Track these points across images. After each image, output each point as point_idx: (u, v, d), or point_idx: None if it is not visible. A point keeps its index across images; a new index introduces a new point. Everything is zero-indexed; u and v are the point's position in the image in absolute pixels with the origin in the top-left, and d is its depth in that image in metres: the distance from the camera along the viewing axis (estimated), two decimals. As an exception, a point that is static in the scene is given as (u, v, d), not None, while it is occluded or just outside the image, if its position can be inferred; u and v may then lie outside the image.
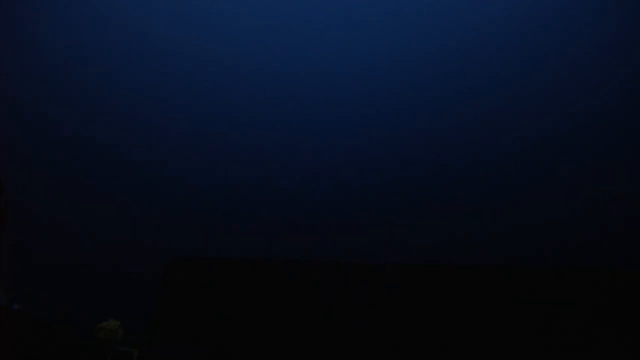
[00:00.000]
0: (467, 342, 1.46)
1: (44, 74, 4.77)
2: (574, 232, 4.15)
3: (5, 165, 4.37)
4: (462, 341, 1.47)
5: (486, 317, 1.48)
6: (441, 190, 4.48)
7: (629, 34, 4.54)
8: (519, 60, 4.70)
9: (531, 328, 1.46)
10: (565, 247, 4.10)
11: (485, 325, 1.47)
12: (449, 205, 4.42)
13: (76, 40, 4.85)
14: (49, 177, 4.51)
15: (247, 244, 4.32)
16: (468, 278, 1.53)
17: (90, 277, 4.22)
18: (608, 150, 4.36)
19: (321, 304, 1.55)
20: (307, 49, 4.88)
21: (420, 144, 4.61)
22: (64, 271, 4.25)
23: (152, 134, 4.69)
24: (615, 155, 4.34)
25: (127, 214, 4.45)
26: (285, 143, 4.69)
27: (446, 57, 4.78)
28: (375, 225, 4.41)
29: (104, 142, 4.67)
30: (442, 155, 4.56)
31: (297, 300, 1.56)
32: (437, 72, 4.76)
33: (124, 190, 4.53)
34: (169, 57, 4.87)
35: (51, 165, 4.56)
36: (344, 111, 4.74)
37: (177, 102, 4.78)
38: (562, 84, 4.58)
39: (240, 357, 1.52)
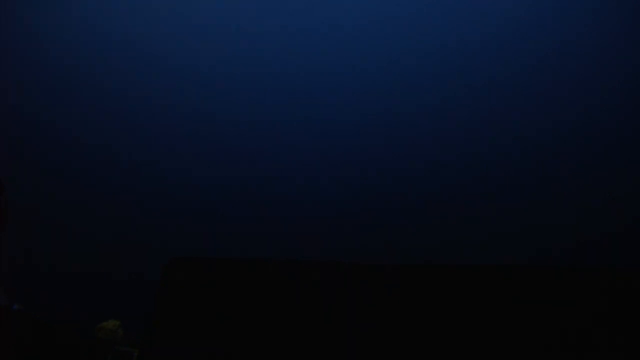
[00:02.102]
0: (467, 342, 1.46)
1: (44, 76, 4.77)
2: (574, 232, 4.15)
3: (5, 165, 4.37)
4: (462, 341, 1.47)
5: (486, 317, 1.48)
6: (441, 190, 4.48)
7: (629, 34, 4.54)
8: (519, 61, 4.70)
9: (531, 328, 1.46)
10: (565, 247, 4.11)
11: (485, 325, 1.47)
12: (449, 205, 4.43)
13: (77, 42, 4.85)
14: (49, 177, 4.51)
15: (247, 244, 4.32)
16: (468, 278, 1.53)
17: (90, 277, 4.22)
18: (608, 151, 4.37)
19: (321, 304, 1.55)
20: (307, 50, 4.88)
21: (421, 144, 4.61)
22: (64, 271, 4.25)
23: (151, 134, 4.69)
24: (615, 156, 4.34)
25: (127, 214, 4.46)
26: (285, 143, 4.69)
27: (446, 57, 4.78)
28: (375, 225, 4.41)
29: (104, 143, 4.67)
30: (442, 155, 4.56)
31: (297, 300, 1.56)
32: (437, 72, 4.76)
33: (124, 190, 4.54)
34: (167, 59, 4.87)
35: (51, 166, 4.56)
36: (344, 111, 4.74)
37: (177, 103, 4.78)
38: (562, 84, 4.59)
39: (240, 357, 1.52)
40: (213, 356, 1.53)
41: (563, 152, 4.43)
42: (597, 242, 4.07)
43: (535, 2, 4.78)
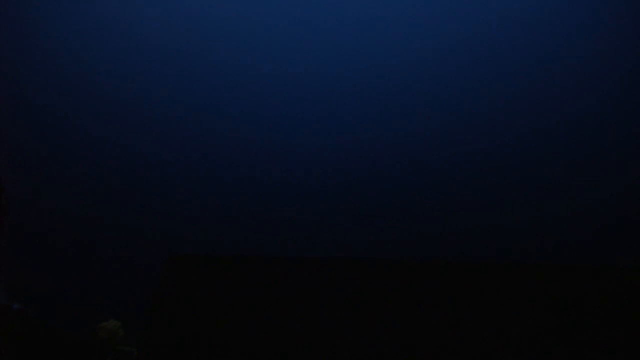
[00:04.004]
0: (468, 340, 1.46)
1: (45, 73, 4.77)
2: (574, 232, 4.15)
3: (5, 165, 4.37)
4: (463, 340, 1.47)
5: (487, 315, 1.48)
6: (441, 187, 4.48)
7: (629, 33, 4.54)
8: (519, 61, 4.70)
9: (531, 327, 1.46)
10: (565, 247, 4.11)
11: (486, 324, 1.47)
12: (449, 203, 4.43)
13: (79, 38, 4.84)
14: (49, 177, 4.51)
15: (247, 241, 4.33)
16: (469, 275, 1.53)
17: (90, 277, 4.22)
18: (608, 150, 4.37)
19: (323, 302, 1.55)
20: (305, 49, 4.89)
21: (420, 141, 4.61)
22: (64, 271, 4.25)
23: (150, 128, 4.69)
24: (615, 155, 4.35)
25: (127, 212, 4.45)
26: (285, 141, 4.69)
27: (445, 57, 4.78)
28: (376, 223, 4.41)
29: (104, 144, 4.67)
30: (442, 152, 4.56)
31: (299, 298, 1.56)
32: (434, 72, 4.76)
33: (124, 187, 4.54)
34: (169, 55, 4.87)
35: (51, 166, 4.56)
36: (343, 110, 4.75)
37: (178, 97, 4.77)
38: (561, 83, 4.59)
39: (240, 356, 1.52)
40: (213, 355, 1.53)
41: (563, 149, 4.43)
42: (597, 242, 4.07)
43: (535, 3, 4.78)
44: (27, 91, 4.67)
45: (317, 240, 4.29)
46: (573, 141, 4.41)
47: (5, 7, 4.79)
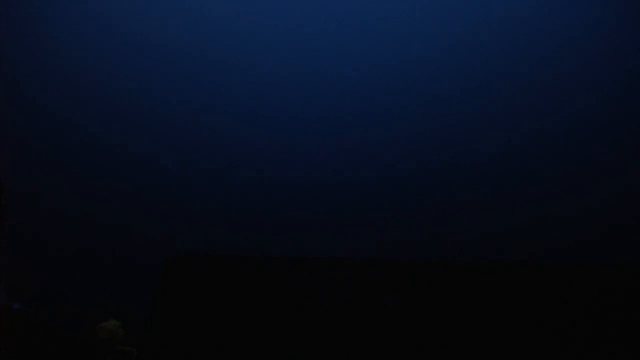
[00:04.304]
0: (468, 340, 1.46)
1: (45, 73, 4.76)
2: (574, 232, 4.15)
3: (5, 165, 4.37)
4: (463, 340, 1.47)
5: (487, 315, 1.48)
6: (441, 187, 4.48)
7: (629, 34, 4.54)
8: (519, 61, 4.70)
9: (531, 327, 1.45)
10: (565, 247, 4.11)
11: (486, 324, 1.47)
12: (449, 203, 4.43)
13: (79, 38, 4.84)
14: (49, 176, 4.51)
15: (247, 241, 4.32)
16: (469, 275, 1.53)
17: (90, 277, 4.22)
18: (609, 151, 4.37)
19: (321, 303, 1.54)
20: (305, 49, 4.89)
21: (420, 141, 4.61)
22: (65, 271, 4.25)
23: (151, 132, 4.69)
24: (615, 156, 4.35)
25: (127, 213, 4.45)
26: (285, 141, 4.69)
27: (445, 57, 4.78)
28: (376, 223, 4.41)
29: (104, 144, 4.67)
30: (441, 152, 4.56)
31: (301, 299, 1.55)
32: (434, 72, 4.76)
33: (125, 189, 4.54)
34: (168, 55, 4.87)
35: (52, 167, 4.56)
36: (343, 110, 4.75)
37: (178, 96, 4.77)
38: (561, 84, 4.59)
39: (240, 356, 1.52)
40: (213, 355, 1.53)
41: (563, 150, 4.43)
42: (597, 242, 4.07)
43: (535, 3, 4.78)
44: (27, 91, 4.66)
45: (317, 240, 4.29)
46: (573, 142, 4.41)
47: (6, 7, 4.78)
